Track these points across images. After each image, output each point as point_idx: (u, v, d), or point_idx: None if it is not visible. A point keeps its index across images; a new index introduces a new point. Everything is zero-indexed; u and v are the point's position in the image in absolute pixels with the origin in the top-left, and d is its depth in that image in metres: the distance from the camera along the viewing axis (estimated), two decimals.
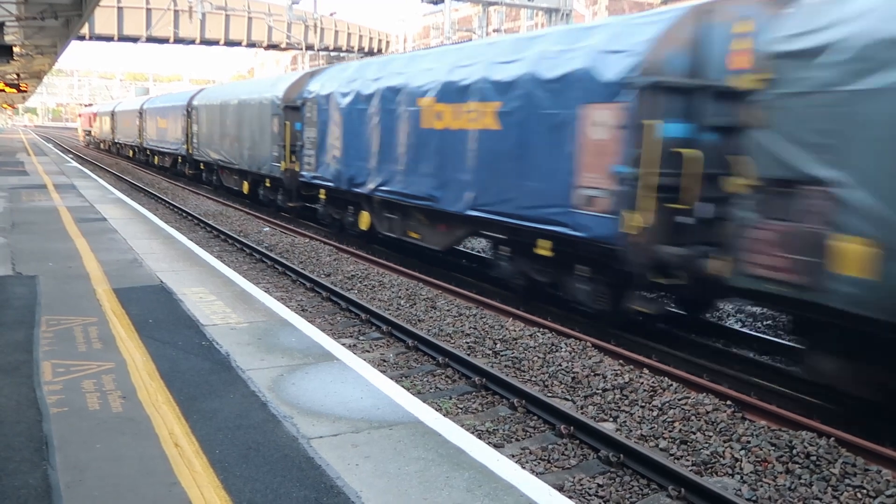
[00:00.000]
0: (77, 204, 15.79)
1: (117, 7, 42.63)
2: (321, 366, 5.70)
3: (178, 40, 46.68)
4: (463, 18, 53.35)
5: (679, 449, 6.12)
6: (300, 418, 4.62)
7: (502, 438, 6.38)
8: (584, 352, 8.37)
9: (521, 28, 47.83)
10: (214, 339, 6.18)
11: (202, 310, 7.16)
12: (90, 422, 4.44)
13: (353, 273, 12.65)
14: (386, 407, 4.90)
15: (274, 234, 17.02)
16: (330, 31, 50.96)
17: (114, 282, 8.20)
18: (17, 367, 5.35)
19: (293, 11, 31.67)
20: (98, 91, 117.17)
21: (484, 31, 37.30)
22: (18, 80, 38.59)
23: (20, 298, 7.34)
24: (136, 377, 5.22)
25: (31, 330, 6.27)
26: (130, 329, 6.39)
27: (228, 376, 5.34)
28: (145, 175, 34.86)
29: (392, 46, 59.20)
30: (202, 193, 26.47)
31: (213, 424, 4.46)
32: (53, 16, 22.61)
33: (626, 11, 44.22)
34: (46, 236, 11.19)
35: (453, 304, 10.53)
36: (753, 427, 6.37)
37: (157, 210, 20.81)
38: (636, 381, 7.48)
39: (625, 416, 6.79)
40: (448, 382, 7.80)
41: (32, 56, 36.91)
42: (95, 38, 43.95)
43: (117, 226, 12.63)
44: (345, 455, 4.12)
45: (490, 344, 8.84)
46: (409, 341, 8.89)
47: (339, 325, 9.85)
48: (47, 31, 27.65)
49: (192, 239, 14.10)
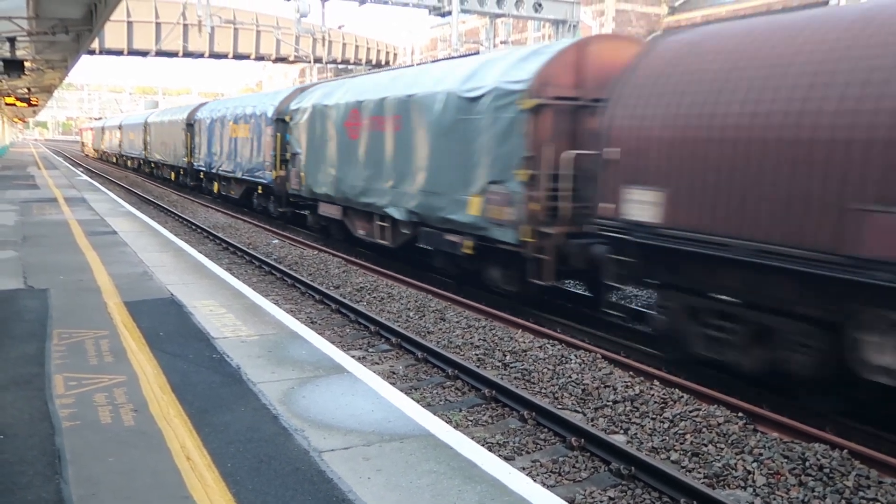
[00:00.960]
0: (87, 217, 15.88)
1: (127, 21, 42.96)
2: (331, 378, 5.71)
3: (188, 54, 46.98)
4: (470, 30, 53.55)
5: (691, 461, 6.09)
6: (311, 431, 4.62)
7: (513, 451, 6.37)
8: (593, 363, 8.35)
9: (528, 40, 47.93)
10: (225, 352, 6.20)
11: (213, 322, 7.18)
12: (102, 435, 4.45)
13: (362, 285, 12.66)
14: (397, 419, 4.89)
15: (283, 247, 17.07)
16: (338, 44, 51.26)
17: (124, 295, 8.23)
18: (29, 380, 5.38)
19: (301, 25, 31.83)
20: (108, 105, 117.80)
21: (491, 42, 37.42)
22: (29, 95, 38.87)
23: (32, 312, 7.38)
24: (147, 390, 5.24)
25: (42, 343, 6.30)
26: (141, 342, 6.41)
27: (239, 389, 5.35)
28: (154, 188, 35.03)
29: (399, 58, 59.42)
30: (211, 206, 26.57)
31: (225, 437, 4.47)
32: (64, 31, 22.79)
33: (633, 23, 44.34)
34: (57, 249, 11.25)
35: (462, 316, 10.53)
36: (766, 439, 6.33)
37: (167, 223, 20.91)
38: (647, 392, 7.45)
39: (636, 428, 6.76)
40: (458, 395, 7.79)
41: (43, 70, 37.19)
42: (105, 53, 44.29)
43: (128, 239, 12.69)
44: (356, 468, 4.12)
45: (499, 356, 8.83)
46: (418, 353, 8.89)
47: (349, 337, 9.85)
48: (58, 45, 27.86)
49: (202, 251, 14.16)
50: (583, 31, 35.01)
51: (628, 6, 44.50)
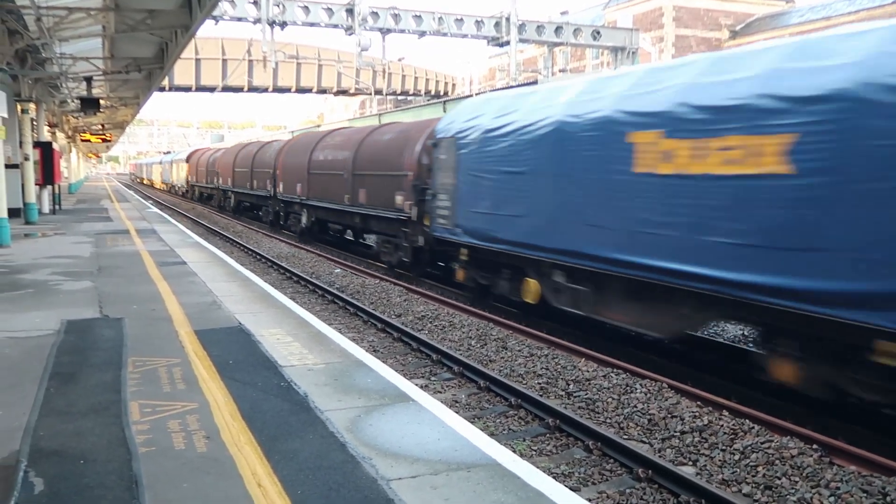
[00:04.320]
0: (158, 248, 16.39)
1: (195, 59, 44.55)
2: (397, 407, 5.75)
3: (252, 89, 48.42)
4: (528, 59, 53.81)
5: (764, 495, 5.91)
6: (379, 459, 4.65)
7: (578, 481, 6.29)
8: (659, 393, 8.21)
9: (587, 67, 47.92)
10: (292, 380, 6.30)
11: (280, 351, 7.32)
12: (176, 461, 4.57)
13: (424, 314, 12.73)
14: (463, 448, 4.90)
15: (345, 276, 17.30)
16: (397, 76, 52.09)
17: (195, 324, 8.46)
18: (106, 406, 5.56)
19: (362, 58, 32.53)
20: (176, 139, 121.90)
21: (549, 71, 37.55)
22: (104, 131, 40.49)
23: (108, 340, 7.64)
24: (218, 417, 5.36)
25: (118, 371, 6.51)
26: (212, 370, 6.57)
27: (307, 417, 5.43)
28: (220, 219, 35.94)
29: (458, 89, 60.03)
30: (275, 237, 27.12)
31: (295, 465, 4.53)
32: (137, 69, 23.78)
33: (694, 48, 43.92)
34: (130, 280, 11.64)
35: (524, 345, 10.48)
36: (843, 472, 6.12)
37: (233, 253, 21.41)
38: (715, 423, 7.28)
39: (705, 459, 6.61)
40: (521, 424, 7.74)
41: (117, 107, 38.76)
42: (175, 89, 46.00)
43: (196, 269, 13.05)
44: (424, 497, 4.13)
45: (563, 385, 8.75)
46: (480, 382, 8.87)
47: (411, 365, 9.91)
48: (131, 83, 29.06)
49: (267, 281, 14.46)
50: (641, 58, 34.85)
51: (689, 31, 44.15)
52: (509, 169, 11.54)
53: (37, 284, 11.15)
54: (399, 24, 31.34)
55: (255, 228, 30.25)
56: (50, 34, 17.85)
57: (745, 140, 7.50)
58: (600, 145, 9.58)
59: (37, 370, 6.51)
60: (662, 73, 9.18)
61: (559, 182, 10.41)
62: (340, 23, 30.05)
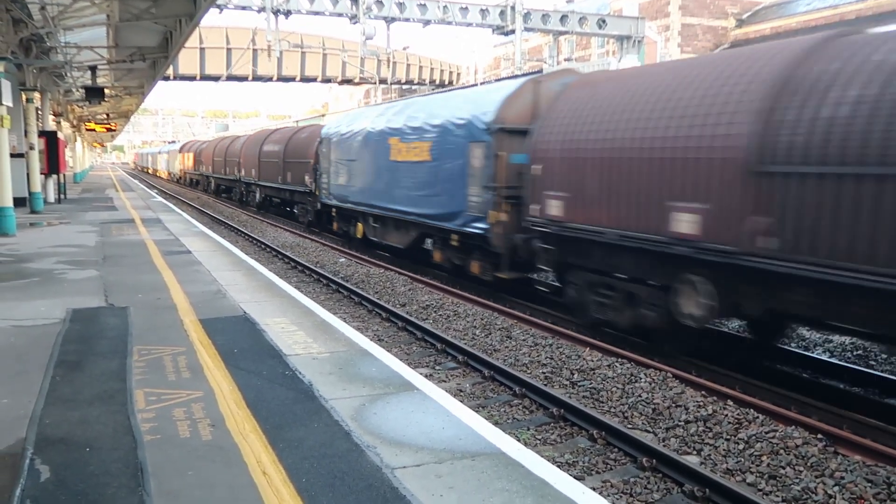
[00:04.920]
0: (163, 237, 16.42)
1: (200, 48, 44.52)
2: (401, 395, 5.76)
3: (257, 78, 48.40)
4: (533, 48, 53.57)
5: (768, 484, 5.92)
6: (383, 448, 4.66)
7: (582, 471, 6.30)
8: (664, 382, 8.21)
9: (592, 56, 47.70)
10: (297, 369, 6.32)
11: (284, 340, 7.33)
12: (182, 449, 4.58)
13: (428, 303, 12.74)
14: (468, 437, 4.90)
15: (349, 265, 17.31)
16: (402, 65, 52.00)
17: (200, 312, 8.48)
18: (112, 395, 5.58)
19: (366, 47, 32.38)
20: (180, 128, 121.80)
21: (555, 60, 37.41)
22: (108, 120, 40.49)
23: (113, 329, 7.66)
24: (223, 406, 5.37)
25: (124, 359, 6.53)
26: (217, 359, 6.59)
27: (312, 405, 5.44)
28: (225, 208, 35.98)
29: (463, 77, 59.85)
30: (279, 225, 27.18)
31: (299, 453, 4.55)
32: (142, 58, 23.75)
33: (700, 37, 43.68)
34: (135, 269, 11.66)
35: (529, 334, 10.49)
36: (847, 462, 6.12)
37: (238, 242, 21.44)
38: (720, 412, 7.28)
39: (709, 448, 6.61)
40: (525, 413, 7.75)
41: (121, 97, 38.75)
42: (179, 78, 46.01)
43: (201, 258, 13.07)
44: (429, 485, 4.14)
45: (567, 374, 8.76)
46: (485, 371, 8.88)
47: (415, 354, 9.92)
48: (135, 72, 29.06)
49: (272, 270, 14.48)
50: (647, 47, 34.68)
51: (695, 20, 43.89)
52: (349, 158, 19.69)
53: (42, 273, 11.17)
54: (404, 13, 31.20)
55: (259, 217, 30.33)
56: (54, 23, 17.85)
57: (419, 144, 15.36)
58: (379, 144, 17.50)
59: (42, 358, 6.54)
60: (407, 108, 17.12)
61: (366, 166, 18.44)
62: (345, 11, 29.92)
